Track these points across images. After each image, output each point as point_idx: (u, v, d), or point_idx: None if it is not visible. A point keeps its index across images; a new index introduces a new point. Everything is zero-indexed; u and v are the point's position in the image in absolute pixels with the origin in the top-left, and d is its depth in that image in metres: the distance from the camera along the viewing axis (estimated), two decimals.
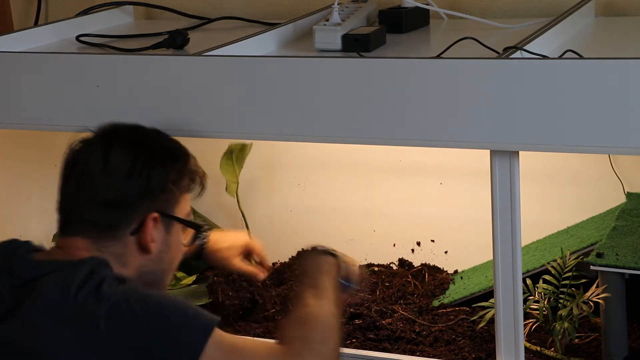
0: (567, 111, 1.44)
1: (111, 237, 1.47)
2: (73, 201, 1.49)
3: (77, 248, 1.47)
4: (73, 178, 1.49)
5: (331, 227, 2.28)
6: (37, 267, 1.45)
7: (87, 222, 1.48)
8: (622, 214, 1.89)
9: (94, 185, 1.47)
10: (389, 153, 2.17)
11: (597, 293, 1.70)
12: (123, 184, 1.47)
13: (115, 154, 1.48)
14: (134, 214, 1.48)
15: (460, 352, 1.81)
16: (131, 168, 1.47)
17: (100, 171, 1.47)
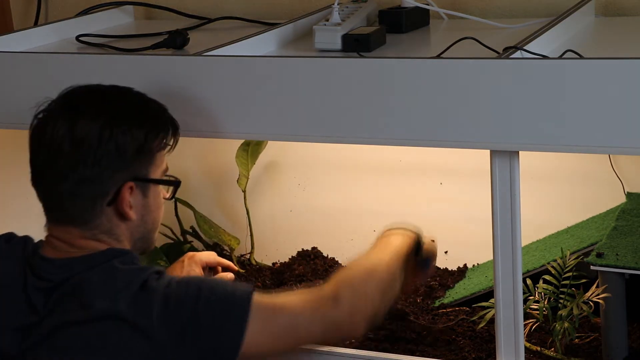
0: (567, 111, 1.44)
1: (90, 215, 1.47)
2: (47, 182, 1.48)
3: (74, 237, 1.49)
4: (41, 154, 1.48)
5: (331, 227, 2.28)
6: (63, 267, 1.47)
7: (65, 210, 1.48)
8: (622, 214, 1.89)
9: (63, 162, 1.45)
10: (389, 153, 2.17)
11: (597, 293, 1.70)
12: (93, 156, 1.44)
13: (81, 126, 1.45)
14: (109, 185, 1.47)
15: (460, 352, 1.81)
16: (99, 138, 1.44)
17: (68, 147, 1.45)
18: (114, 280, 1.43)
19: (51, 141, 1.46)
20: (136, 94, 1.55)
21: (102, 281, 1.43)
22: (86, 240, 1.50)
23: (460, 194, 2.14)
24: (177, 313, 1.39)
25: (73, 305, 1.43)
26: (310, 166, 2.28)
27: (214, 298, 1.41)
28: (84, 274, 1.45)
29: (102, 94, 1.53)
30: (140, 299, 1.40)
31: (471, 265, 2.17)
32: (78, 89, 1.54)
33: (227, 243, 2.22)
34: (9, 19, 2.57)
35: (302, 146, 2.24)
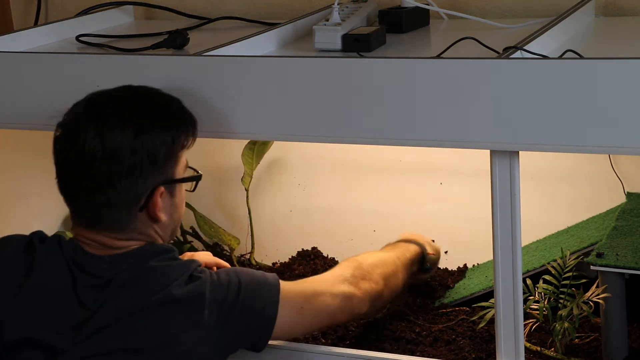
0: (567, 111, 1.44)
1: (127, 221, 1.53)
2: (81, 194, 1.52)
3: (110, 240, 1.54)
4: (72, 167, 1.51)
5: (331, 227, 2.28)
6: (112, 263, 1.52)
7: (102, 220, 1.53)
8: (622, 214, 1.89)
9: (97, 174, 1.49)
10: (389, 153, 2.17)
11: (597, 293, 1.70)
12: (127, 167, 1.49)
13: (112, 138, 1.49)
14: (141, 192, 1.52)
15: (460, 352, 1.81)
16: (131, 149, 1.49)
17: (100, 160, 1.49)
18: (167, 272, 1.51)
19: (82, 155, 1.50)
20: (155, 94, 1.59)
21: (155, 273, 1.51)
22: (121, 242, 1.55)
23: (460, 194, 2.14)
24: (224, 299, 1.52)
25: (127, 297, 1.49)
26: (310, 166, 2.28)
27: (252, 284, 1.55)
28: (135, 268, 1.52)
29: (126, 101, 1.56)
30: (192, 288, 1.50)
31: (471, 265, 2.17)
32: (100, 96, 1.57)
33: (227, 243, 2.23)
34: (9, 19, 2.57)
35: (302, 146, 2.24)
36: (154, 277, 1.51)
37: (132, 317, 1.48)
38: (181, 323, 1.49)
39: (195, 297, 1.50)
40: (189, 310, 1.49)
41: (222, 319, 1.52)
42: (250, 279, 1.57)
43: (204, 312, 1.50)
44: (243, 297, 1.53)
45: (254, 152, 2.18)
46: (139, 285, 1.51)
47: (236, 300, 1.53)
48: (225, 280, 1.54)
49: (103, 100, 1.55)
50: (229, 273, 1.56)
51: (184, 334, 1.49)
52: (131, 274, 1.51)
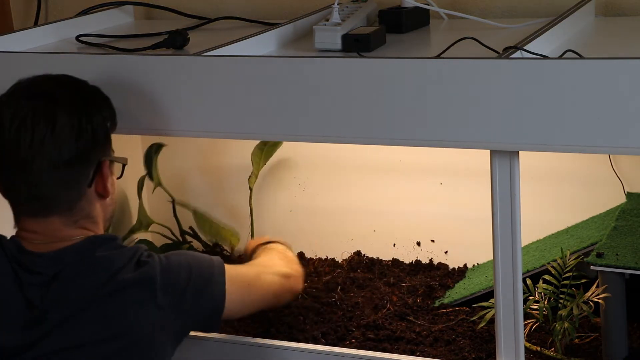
0: (567, 111, 1.44)
1: (76, 198, 1.55)
2: (33, 174, 1.52)
3: (56, 228, 1.55)
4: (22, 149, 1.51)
5: (331, 227, 2.28)
6: (55, 259, 1.53)
7: (54, 198, 1.54)
8: (622, 214, 1.89)
9: (47, 153, 1.51)
10: (389, 153, 2.17)
11: (597, 293, 1.70)
12: (75, 142, 1.52)
13: (60, 115, 1.52)
14: (89, 167, 1.56)
15: (460, 352, 1.81)
16: (79, 125, 1.53)
17: (50, 137, 1.51)
18: (114, 260, 1.53)
19: (32, 135, 1.51)
20: (80, 80, 1.62)
21: (101, 262, 1.53)
22: (68, 228, 1.56)
23: (460, 194, 2.14)
24: (175, 282, 1.56)
25: (77, 291, 1.50)
26: (311, 166, 2.28)
27: (201, 267, 1.61)
28: (78, 263, 1.53)
29: (59, 82, 1.59)
30: (141, 273, 1.52)
31: (471, 265, 2.17)
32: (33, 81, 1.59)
33: (227, 239, 2.23)
34: (9, 19, 2.57)
35: (302, 146, 2.24)
36: (101, 267, 1.52)
37: (84, 310, 1.49)
38: (134, 309, 1.51)
39: (146, 280, 1.52)
40: (141, 294, 1.52)
41: (176, 301, 1.54)
42: (198, 261, 1.61)
43: (157, 294, 1.52)
44: (194, 280, 1.57)
45: (262, 152, 2.18)
46: (86, 277, 1.52)
47: (187, 282, 1.56)
48: (175, 263, 1.57)
49: (41, 82, 1.58)
50: (178, 256, 1.60)
51: (138, 319, 1.51)
52: (77, 267, 1.52)
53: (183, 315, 1.56)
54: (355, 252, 2.27)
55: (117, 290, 1.51)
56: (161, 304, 1.52)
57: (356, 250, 2.27)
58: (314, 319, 1.95)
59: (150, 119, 1.71)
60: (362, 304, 2.00)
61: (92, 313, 1.50)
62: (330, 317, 1.95)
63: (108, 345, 1.50)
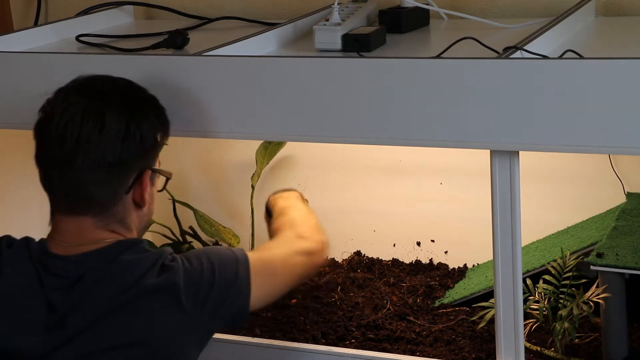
0: (567, 111, 1.44)
1: (112, 202, 1.53)
2: (74, 170, 1.50)
3: (86, 228, 1.53)
4: (67, 143, 1.50)
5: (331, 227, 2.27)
6: (78, 262, 1.51)
7: (89, 198, 1.52)
8: (622, 214, 1.89)
9: (90, 151, 1.49)
10: (389, 153, 2.17)
11: (597, 293, 1.70)
12: (120, 145, 1.50)
13: (109, 116, 1.50)
14: (129, 173, 1.53)
15: (460, 352, 1.81)
16: (127, 129, 1.51)
17: (97, 136, 1.49)
18: (138, 265, 1.51)
19: (79, 132, 1.49)
20: (139, 86, 1.60)
21: (125, 267, 1.50)
22: (98, 230, 1.54)
23: (460, 194, 2.14)
24: (199, 283, 1.52)
25: (100, 296, 1.48)
26: (311, 166, 2.28)
27: (224, 264, 1.56)
28: (102, 267, 1.51)
29: (116, 84, 1.57)
30: (165, 278, 1.50)
31: (471, 265, 2.17)
32: (90, 79, 1.57)
33: (227, 241, 2.23)
34: (9, 19, 2.57)
35: (302, 146, 2.24)
36: (124, 272, 1.50)
37: (107, 316, 1.47)
38: (158, 314, 1.49)
39: (170, 286, 1.49)
40: (165, 300, 1.49)
41: (200, 305, 1.51)
42: (220, 258, 1.57)
43: (181, 299, 1.49)
44: (218, 281, 1.54)
45: (267, 151, 2.18)
46: (109, 282, 1.49)
47: (212, 284, 1.53)
48: (197, 265, 1.54)
49: (95, 82, 1.56)
50: (199, 256, 1.57)
51: (162, 325, 1.48)
52: (100, 272, 1.50)
53: (209, 318, 1.53)
54: (355, 252, 2.27)
55: (141, 295, 1.48)
56: (186, 308, 1.50)
57: (356, 250, 2.27)
58: (314, 319, 1.95)
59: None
60: (362, 304, 2.00)
61: (115, 318, 1.47)
62: (330, 317, 1.96)
63: (132, 351, 1.47)
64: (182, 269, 1.52)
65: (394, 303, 2.00)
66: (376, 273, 2.17)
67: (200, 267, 1.54)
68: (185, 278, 1.51)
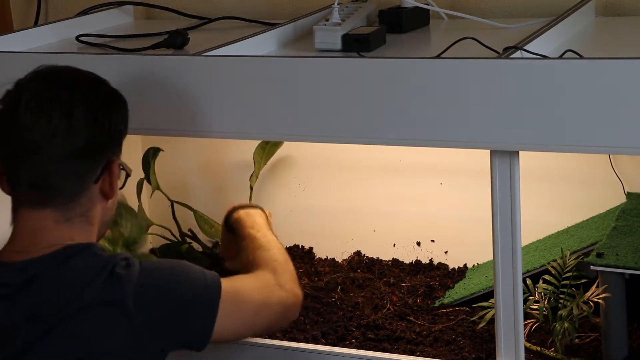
0: (567, 111, 1.44)
1: (78, 192, 1.48)
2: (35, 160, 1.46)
3: (46, 228, 1.47)
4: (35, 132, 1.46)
5: (331, 227, 2.28)
6: (22, 269, 1.44)
7: (56, 187, 1.47)
8: (622, 214, 1.89)
9: (59, 140, 1.45)
10: (389, 153, 2.17)
11: (597, 293, 1.70)
12: (89, 133, 1.47)
13: (78, 104, 1.47)
14: (98, 162, 1.50)
15: (460, 352, 1.81)
16: (95, 118, 1.48)
17: (65, 124, 1.46)
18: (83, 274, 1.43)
19: (48, 121, 1.45)
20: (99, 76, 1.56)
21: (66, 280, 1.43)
22: (58, 227, 1.48)
23: (460, 194, 2.14)
24: (155, 299, 1.44)
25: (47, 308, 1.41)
26: (310, 166, 2.28)
27: (187, 283, 1.48)
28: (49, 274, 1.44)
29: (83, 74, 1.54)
30: (111, 291, 1.42)
31: (471, 265, 2.17)
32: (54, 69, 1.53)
33: None
34: (9, 19, 2.57)
35: (302, 146, 2.24)
36: (68, 282, 1.42)
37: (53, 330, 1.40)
38: (102, 329, 1.41)
39: (116, 299, 1.41)
40: (111, 313, 1.41)
41: (151, 318, 1.43)
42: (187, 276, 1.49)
43: (129, 312, 1.41)
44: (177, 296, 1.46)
45: (264, 151, 2.18)
46: (49, 296, 1.42)
47: (168, 299, 1.45)
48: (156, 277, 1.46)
49: (62, 71, 1.53)
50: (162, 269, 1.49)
51: (107, 340, 1.41)
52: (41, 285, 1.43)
53: (161, 336, 1.45)
54: (355, 252, 2.27)
55: (82, 310, 1.40)
56: (134, 322, 1.41)
57: (356, 250, 2.27)
58: (314, 319, 1.95)
59: (150, 119, 1.71)
60: (362, 304, 2.00)
61: (56, 336, 1.40)
62: (330, 317, 1.96)
63: None
64: (135, 278, 1.43)
65: (394, 303, 2.00)
66: (376, 273, 2.17)
67: (159, 281, 1.46)
68: (137, 290, 1.42)
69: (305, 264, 2.24)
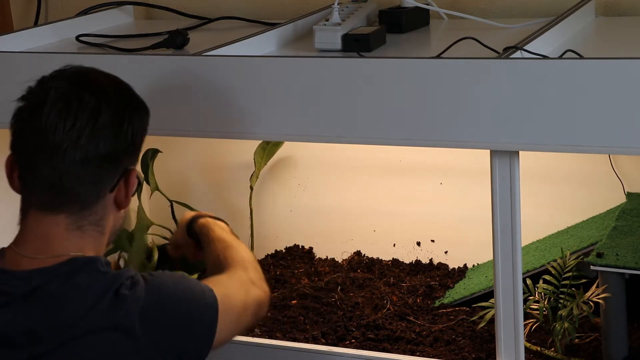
0: (567, 111, 1.44)
1: (94, 200, 1.45)
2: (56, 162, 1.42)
3: (56, 235, 1.44)
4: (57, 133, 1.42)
5: (331, 227, 2.28)
6: (23, 279, 1.41)
7: (74, 193, 1.44)
8: (622, 214, 1.89)
9: (84, 144, 1.42)
10: (389, 153, 2.17)
11: (597, 293, 1.70)
12: (114, 140, 1.44)
13: (105, 109, 1.43)
14: (117, 170, 1.47)
15: (460, 352, 1.81)
16: (120, 124, 1.44)
17: (91, 129, 1.42)
18: (87, 293, 1.40)
19: (73, 124, 1.42)
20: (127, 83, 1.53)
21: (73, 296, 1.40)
22: (69, 236, 1.45)
23: (460, 194, 2.14)
24: (160, 318, 1.42)
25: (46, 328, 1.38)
26: (311, 166, 2.28)
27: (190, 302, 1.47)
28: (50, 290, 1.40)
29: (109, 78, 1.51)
30: (118, 311, 1.39)
31: (471, 265, 2.17)
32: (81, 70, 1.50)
33: None
34: (9, 19, 2.57)
35: (302, 146, 2.24)
36: (74, 299, 1.39)
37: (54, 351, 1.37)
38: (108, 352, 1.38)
39: (123, 321, 1.39)
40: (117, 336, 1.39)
41: (156, 340, 1.41)
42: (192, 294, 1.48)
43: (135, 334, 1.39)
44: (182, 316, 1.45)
45: (265, 152, 2.18)
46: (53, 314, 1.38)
47: (174, 319, 1.44)
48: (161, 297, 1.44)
49: (90, 73, 1.49)
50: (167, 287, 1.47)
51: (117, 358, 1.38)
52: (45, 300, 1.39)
53: (165, 355, 1.43)
54: (355, 252, 2.27)
55: (90, 332, 1.37)
56: (140, 345, 1.39)
57: (356, 250, 2.27)
58: (314, 319, 1.95)
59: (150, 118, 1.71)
60: (362, 304, 2.00)
61: (63, 354, 1.37)
62: (330, 317, 1.96)
63: None
64: (141, 299, 1.41)
65: (394, 303, 2.00)
66: (376, 273, 2.17)
67: (165, 301, 1.44)
68: (142, 311, 1.40)
69: (305, 264, 2.24)
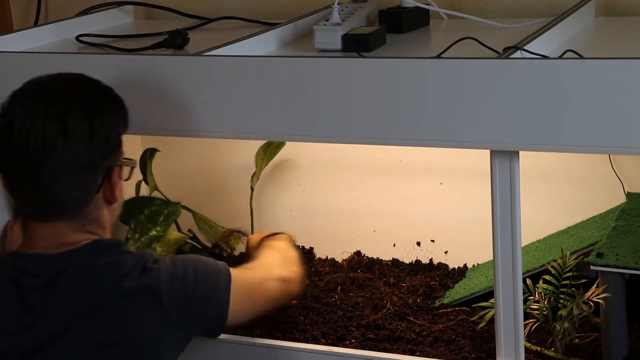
0: (567, 111, 1.44)
1: (84, 204, 1.52)
2: (42, 178, 1.48)
3: (63, 232, 1.52)
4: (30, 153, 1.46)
5: (331, 227, 2.28)
6: (54, 261, 1.49)
7: (60, 203, 1.50)
8: (622, 214, 1.89)
9: (57, 158, 1.47)
10: (389, 153, 2.17)
11: (597, 293, 1.70)
12: (87, 148, 1.48)
13: (72, 119, 1.47)
14: (98, 173, 1.52)
15: (460, 352, 1.81)
16: (91, 130, 1.49)
17: (62, 141, 1.46)
18: (118, 267, 1.51)
19: (43, 139, 1.46)
20: (94, 80, 1.57)
21: (104, 270, 1.50)
22: (75, 233, 1.53)
23: (460, 194, 2.14)
24: (182, 289, 1.54)
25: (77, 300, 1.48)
26: (311, 166, 2.28)
27: (207, 274, 1.59)
28: (80, 268, 1.50)
29: (72, 84, 1.54)
30: (146, 280, 1.51)
31: (471, 265, 2.17)
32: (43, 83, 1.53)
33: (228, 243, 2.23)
34: (9, 19, 2.57)
35: (302, 146, 2.24)
36: (104, 273, 1.50)
37: (86, 317, 1.47)
38: (138, 316, 1.49)
39: (151, 287, 1.50)
40: (145, 302, 1.50)
41: (181, 309, 1.53)
42: (205, 269, 1.59)
43: (162, 301, 1.50)
44: (201, 287, 1.56)
45: (266, 153, 2.18)
46: (88, 283, 1.49)
47: (194, 290, 1.55)
48: (182, 270, 1.56)
49: (52, 84, 1.53)
50: (184, 263, 1.58)
51: (142, 326, 1.49)
52: (79, 272, 1.49)
53: (188, 323, 1.55)
54: (355, 252, 2.27)
55: (121, 297, 1.48)
56: (166, 311, 1.51)
57: (356, 250, 2.27)
58: (314, 319, 1.95)
59: (150, 119, 1.71)
60: (362, 304, 2.00)
61: (95, 320, 1.47)
62: (330, 317, 1.96)
63: (112, 351, 1.48)
64: (165, 271, 1.53)
65: (394, 303, 2.00)
66: (376, 273, 2.17)
67: (184, 273, 1.56)
68: (167, 281, 1.52)
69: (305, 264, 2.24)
